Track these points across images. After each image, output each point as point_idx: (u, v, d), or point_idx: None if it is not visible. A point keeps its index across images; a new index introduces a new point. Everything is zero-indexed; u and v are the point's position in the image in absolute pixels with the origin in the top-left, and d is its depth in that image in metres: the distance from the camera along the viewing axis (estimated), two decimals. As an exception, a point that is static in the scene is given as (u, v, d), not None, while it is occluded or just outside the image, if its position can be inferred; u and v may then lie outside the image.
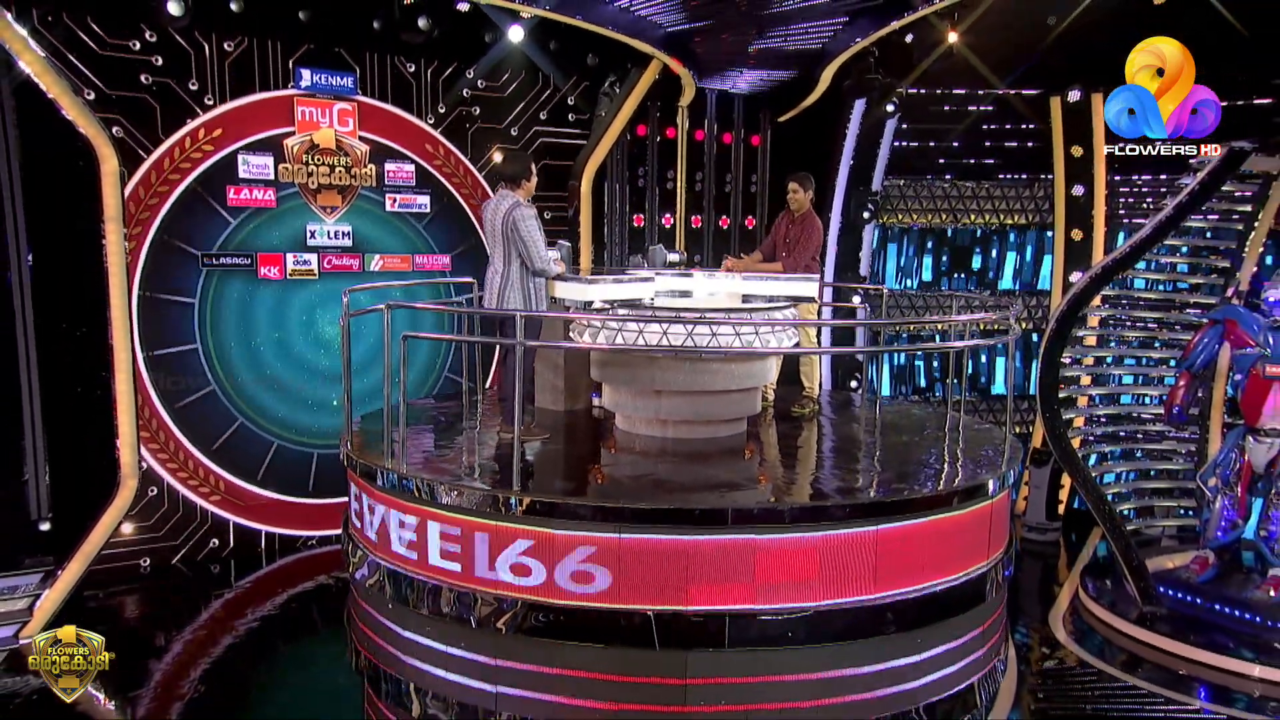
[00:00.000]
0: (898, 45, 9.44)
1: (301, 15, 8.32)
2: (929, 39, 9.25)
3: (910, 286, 10.93)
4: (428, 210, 9.39)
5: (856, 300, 8.51)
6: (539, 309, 5.77)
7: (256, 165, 8.44)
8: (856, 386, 10.67)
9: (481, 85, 9.53)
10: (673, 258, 7.87)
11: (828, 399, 8.04)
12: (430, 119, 9.31)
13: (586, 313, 5.76)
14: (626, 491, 4.90)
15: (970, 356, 10.45)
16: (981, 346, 9.26)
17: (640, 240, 10.66)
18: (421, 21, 8.52)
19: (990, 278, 10.79)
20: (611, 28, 8.51)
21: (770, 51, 9.36)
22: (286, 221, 8.69)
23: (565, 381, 6.81)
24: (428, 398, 9.23)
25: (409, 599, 4.86)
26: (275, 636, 7.39)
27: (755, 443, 6.16)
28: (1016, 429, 10.09)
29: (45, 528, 7.51)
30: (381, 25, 8.59)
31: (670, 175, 10.80)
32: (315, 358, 8.96)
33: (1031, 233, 10.59)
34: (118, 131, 7.71)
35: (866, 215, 10.43)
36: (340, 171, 8.87)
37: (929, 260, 10.88)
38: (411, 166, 9.23)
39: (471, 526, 4.63)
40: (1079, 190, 9.92)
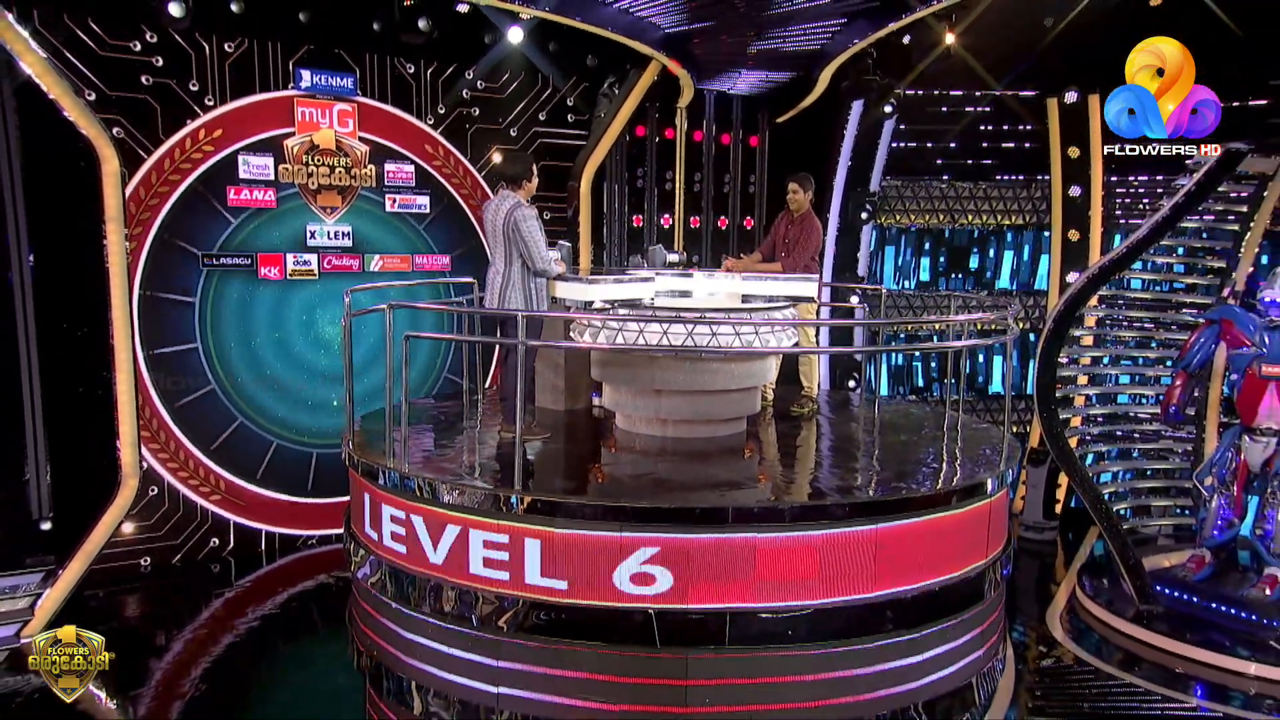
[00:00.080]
0: (896, 46, 9.47)
1: (301, 16, 8.33)
2: (927, 40, 9.27)
3: (908, 287, 10.96)
4: (427, 211, 9.40)
5: (855, 300, 8.53)
6: (540, 309, 5.80)
7: (257, 166, 8.46)
8: (855, 386, 10.70)
9: (481, 86, 9.55)
10: (672, 258, 7.90)
11: (826, 399, 8.08)
12: (430, 120, 9.33)
13: (587, 312, 5.79)
14: (627, 490, 4.93)
15: (968, 356, 10.44)
16: (979, 346, 9.29)
17: (639, 240, 10.69)
18: (421, 23, 8.54)
19: (988, 278, 10.81)
20: (610, 29, 8.53)
21: (769, 53, 9.38)
22: (286, 222, 8.70)
23: (566, 381, 6.84)
24: (428, 398, 9.25)
25: (410, 597, 4.89)
26: (276, 636, 7.40)
27: (755, 442, 6.20)
28: (1014, 428, 10.14)
29: (46, 527, 7.51)
30: (381, 26, 8.60)
31: (669, 176, 10.83)
32: (315, 358, 8.98)
33: (1029, 233, 10.61)
34: (118, 132, 7.73)
35: (864, 216, 10.46)
36: (340, 172, 8.89)
37: (927, 261, 10.91)
38: (411, 167, 9.25)
39: (470, 525, 4.66)
40: (1076, 191, 9.95)
